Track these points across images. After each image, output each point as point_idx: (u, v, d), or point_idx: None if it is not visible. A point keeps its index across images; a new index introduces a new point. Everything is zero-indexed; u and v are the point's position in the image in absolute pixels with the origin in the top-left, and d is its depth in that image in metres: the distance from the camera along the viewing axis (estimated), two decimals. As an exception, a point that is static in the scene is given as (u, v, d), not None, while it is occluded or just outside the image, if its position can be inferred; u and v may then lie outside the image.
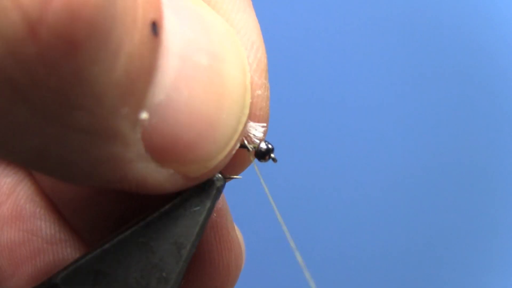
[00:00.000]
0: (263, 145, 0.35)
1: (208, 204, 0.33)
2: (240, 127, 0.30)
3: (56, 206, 0.38)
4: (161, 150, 0.27)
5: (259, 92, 0.32)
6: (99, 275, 0.31)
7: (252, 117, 0.32)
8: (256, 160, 0.35)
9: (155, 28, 0.25)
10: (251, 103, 0.31)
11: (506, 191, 0.89)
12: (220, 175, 0.34)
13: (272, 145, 0.35)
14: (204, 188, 0.33)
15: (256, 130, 0.33)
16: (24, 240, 0.37)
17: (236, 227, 0.39)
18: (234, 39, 0.30)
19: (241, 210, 0.79)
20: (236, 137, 0.30)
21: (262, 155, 0.35)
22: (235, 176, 0.35)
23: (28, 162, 0.26)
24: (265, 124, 0.33)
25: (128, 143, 0.26)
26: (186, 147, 0.28)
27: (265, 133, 0.33)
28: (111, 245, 0.31)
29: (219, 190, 0.33)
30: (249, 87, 0.30)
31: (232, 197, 0.41)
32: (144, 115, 0.26)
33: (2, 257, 0.37)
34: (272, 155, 0.35)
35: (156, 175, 0.28)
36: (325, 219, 0.86)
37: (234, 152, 0.30)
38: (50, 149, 0.25)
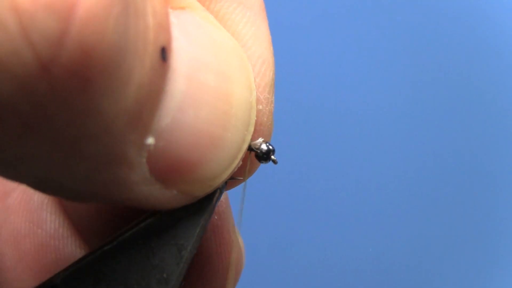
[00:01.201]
0: (263, 147, 0.35)
1: (209, 205, 0.33)
2: (245, 146, 0.30)
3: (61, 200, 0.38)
4: (165, 173, 0.27)
5: (260, 107, 0.32)
6: (100, 276, 0.31)
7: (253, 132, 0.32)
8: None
9: (164, 52, 0.25)
10: (257, 119, 0.31)
11: (506, 192, 0.89)
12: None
13: (272, 146, 0.35)
14: None
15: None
16: (29, 231, 0.37)
17: (237, 230, 0.39)
18: (241, 56, 0.30)
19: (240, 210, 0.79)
20: (240, 155, 0.30)
21: (263, 156, 0.35)
22: (236, 178, 0.35)
23: (34, 186, 0.26)
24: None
25: (134, 167, 0.26)
26: (190, 168, 0.27)
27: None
28: (112, 247, 0.31)
29: (220, 192, 0.33)
30: (255, 104, 0.30)
31: (231, 197, 0.41)
32: (150, 140, 0.25)
33: (7, 246, 0.37)
34: (272, 156, 0.35)
35: (159, 196, 0.28)
36: (326, 219, 0.86)
37: (236, 168, 0.30)
38: (57, 176, 0.25)
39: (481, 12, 0.89)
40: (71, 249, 0.38)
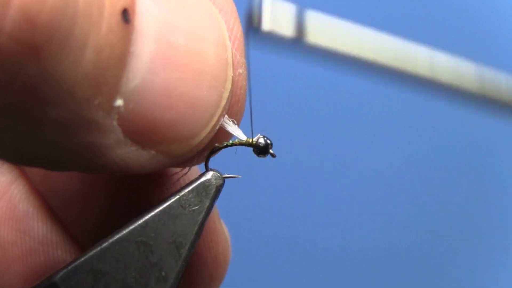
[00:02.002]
0: (261, 141, 0.35)
1: (207, 203, 0.33)
2: (223, 103, 0.29)
3: (49, 205, 0.38)
4: (140, 133, 0.27)
5: (240, 70, 0.32)
6: (98, 274, 0.31)
7: (232, 96, 0.32)
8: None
9: (126, 15, 0.25)
10: (233, 82, 0.31)
11: (506, 192, 0.89)
12: (219, 174, 0.34)
13: (270, 140, 0.35)
14: (204, 187, 0.33)
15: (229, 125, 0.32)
16: (16, 239, 0.37)
17: (222, 222, 0.39)
18: (214, 13, 0.30)
19: (239, 208, 0.79)
20: (219, 113, 0.29)
21: (262, 150, 0.35)
22: (234, 175, 0.35)
23: (9, 158, 0.27)
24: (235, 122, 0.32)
25: (105, 131, 0.26)
26: (166, 128, 0.27)
27: (238, 122, 0.33)
28: (110, 244, 0.31)
29: (218, 190, 0.33)
30: (231, 61, 0.30)
31: (231, 196, 0.41)
32: (118, 102, 0.25)
33: None
34: (270, 150, 0.35)
35: (137, 158, 0.28)
36: (326, 219, 0.86)
37: (217, 127, 0.30)
38: (26, 144, 0.25)
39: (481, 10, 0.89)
40: (61, 253, 0.37)
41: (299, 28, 0.30)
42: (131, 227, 0.32)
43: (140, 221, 0.32)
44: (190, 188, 0.33)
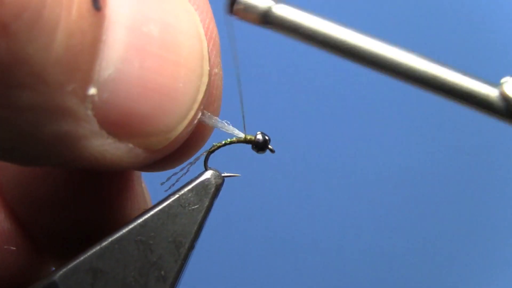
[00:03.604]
0: (259, 137, 0.35)
1: (207, 202, 0.33)
2: (200, 96, 0.29)
3: (8, 203, 0.38)
4: (115, 125, 0.27)
5: (216, 70, 0.32)
6: (97, 273, 0.31)
7: (208, 96, 0.32)
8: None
9: (97, 2, 0.25)
10: (209, 82, 0.31)
11: (506, 192, 0.89)
12: (218, 173, 0.34)
13: (268, 136, 0.35)
14: (203, 186, 0.33)
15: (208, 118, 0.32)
16: None
17: (143, 183, 0.39)
18: (188, 8, 0.30)
19: (238, 207, 0.79)
20: (196, 106, 0.29)
21: (261, 146, 0.35)
22: (234, 174, 0.35)
23: None
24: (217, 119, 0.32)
25: (79, 119, 0.25)
26: (142, 120, 0.27)
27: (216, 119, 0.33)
28: (110, 243, 0.31)
29: (218, 189, 0.33)
30: (207, 56, 0.30)
31: (231, 195, 0.41)
32: (92, 91, 0.25)
33: None
34: (269, 146, 0.36)
35: (114, 151, 0.27)
36: (326, 219, 0.86)
37: (195, 121, 0.30)
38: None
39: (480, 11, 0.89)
40: (10, 245, 0.37)
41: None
42: (130, 226, 0.32)
43: (140, 220, 0.32)
44: (189, 187, 0.33)
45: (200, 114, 0.30)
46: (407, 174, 0.88)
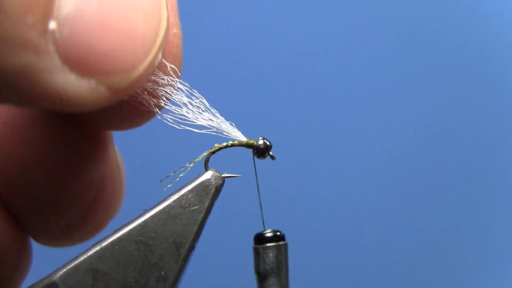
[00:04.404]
0: (261, 142, 0.35)
1: (207, 203, 0.33)
2: (159, 39, 0.31)
3: None
4: (77, 61, 0.28)
5: (175, 30, 0.34)
6: (98, 273, 0.31)
7: (168, 55, 0.33)
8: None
9: None
10: (169, 42, 0.32)
11: (505, 192, 0.89)
12: (218, 174, 0.34)
13: (270, 142, 0.35)
14: (203, 187, 0.33)
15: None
16: None
17: (117, 150, 0.39)
18: None
19: (238, 206, 0.79)
20: (155, 48, 0.31)
21: (262, 152, 0.35)
22: (234, 175, 0.35)
23: None
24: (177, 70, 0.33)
25: (40, 53, 0.26)
26: (102, 57, 0.29)
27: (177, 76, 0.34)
28: (110, 244, 0.31)
29: (218, 189, 0.33)
30: (164, 4, 0.31)
31: (231, 195, 0.41)
32: (52, 25, 0.26)
33: None
34: (270, 152, 0.36)
35: (77, 87, 0.28)
36: (326, 219, 0.86)
37: (156, 64, 0.31)
38: None
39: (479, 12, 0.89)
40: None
41: None
42: (130, 227, 0.32)
43: (140, 221, 0.32)
44: (189, 187, 0.33)
45: (160, 56, 0.31)
46: (408, 173, 0.88)
